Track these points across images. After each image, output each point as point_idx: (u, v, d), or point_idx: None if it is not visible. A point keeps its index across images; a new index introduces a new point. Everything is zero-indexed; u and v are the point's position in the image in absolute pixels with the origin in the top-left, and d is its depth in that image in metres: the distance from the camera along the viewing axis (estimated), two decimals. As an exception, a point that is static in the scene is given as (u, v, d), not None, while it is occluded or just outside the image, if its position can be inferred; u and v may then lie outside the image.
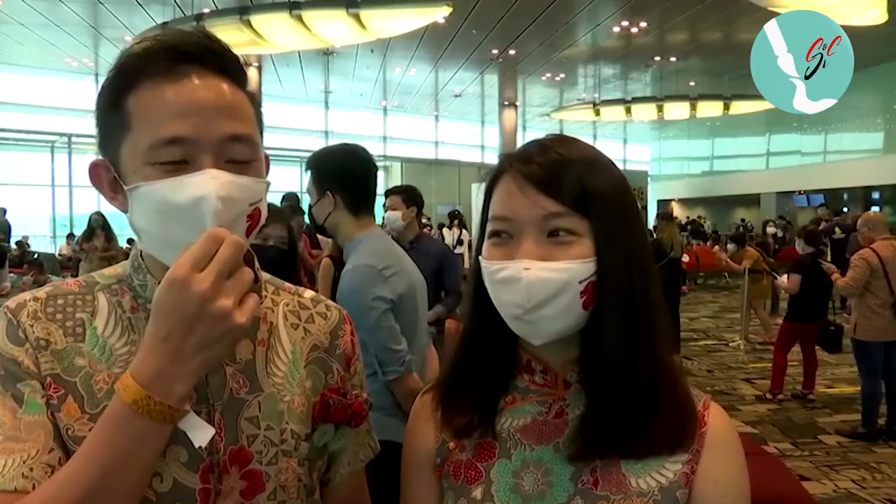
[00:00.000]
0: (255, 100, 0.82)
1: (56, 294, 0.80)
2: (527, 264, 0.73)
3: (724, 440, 0.78)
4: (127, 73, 0.75)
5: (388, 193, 3.78)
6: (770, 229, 13.02)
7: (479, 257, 0.80)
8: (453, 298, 3.71)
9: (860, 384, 4.84)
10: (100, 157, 0.79)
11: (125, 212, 0.78)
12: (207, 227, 0.70)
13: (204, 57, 0.76)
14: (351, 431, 0.92)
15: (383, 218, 3.85)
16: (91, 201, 17.10)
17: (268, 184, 0.80)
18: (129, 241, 12.56)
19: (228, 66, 0.78)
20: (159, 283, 0.76)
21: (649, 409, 0.75)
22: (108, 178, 0.78)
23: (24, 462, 0.69)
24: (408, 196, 3.73)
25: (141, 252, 0.83)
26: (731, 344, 7.92)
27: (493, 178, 0.81)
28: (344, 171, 1.96)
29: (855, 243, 7.87)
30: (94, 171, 0.79)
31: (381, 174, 20.77)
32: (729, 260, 8.16)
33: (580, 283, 0.73)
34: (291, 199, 5.37)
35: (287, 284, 0.95)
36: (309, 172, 2.02)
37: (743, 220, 20.09)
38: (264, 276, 0.91)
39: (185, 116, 0.72)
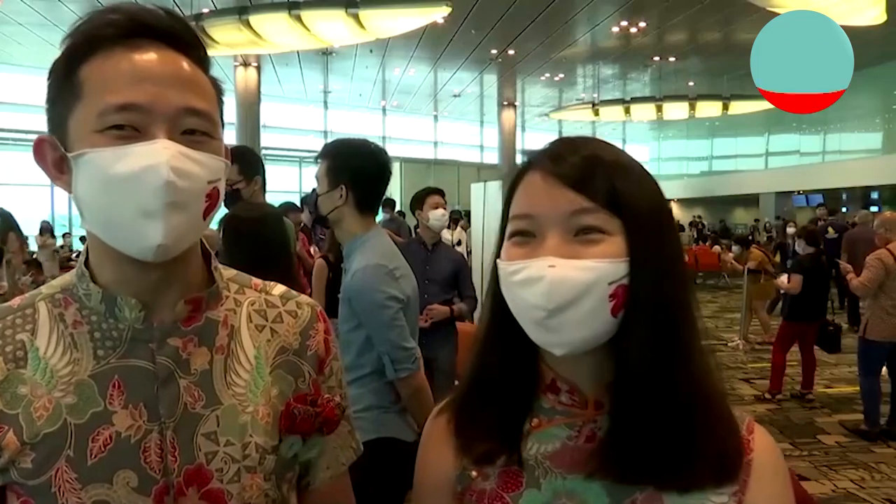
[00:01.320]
0: (217, 85, 0.78)
1: None
2: (551, 261, 0.66)
3: (771, 467, 0.71)
4: (82, 42, 0.71)
5: (427, 194, 3.89)
6: (790, 229, 12.98)
7: (497, 260, 0.73)
8: (471, 303, 3.80)
9: (859, 383, 4.84)
10: (46, 134, 0.73)
11: (69, 192, 0.73)
12: (158, 201, 0.66)
13: (165, 33, 0.72)
14: (325, 437, 0.86)
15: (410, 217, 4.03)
16: (90, 201, 17.12)
17: (227, 165, 0.76)
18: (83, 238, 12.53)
19: (190, 46, 0.74)
20: (104, 291, 0.74)
21: (689, 435, 0.67)
22: (54, 156, 0.73)
23: None
24: (443, 197, 3.92)
25: (86, 259, 0.77)
26: (730, 344, 7.92)
27: (517, 176, 0.74)
28: (362, 169, 1.95)
29: (850, 243, 7.89)
30: (39, 147, 0.74)
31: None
32: (734, 262, 8.09)
33: (609, 284, 0.66)
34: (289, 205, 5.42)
35: (255, 280, 0.88)
36: (323, 160, 1.99)
37: (758, 221, 19.91)
38: (228, 273, 0.86)
39: (140, 84, 0.68)
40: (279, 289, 0.88)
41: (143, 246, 0.69)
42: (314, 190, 2.08)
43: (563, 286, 0.65)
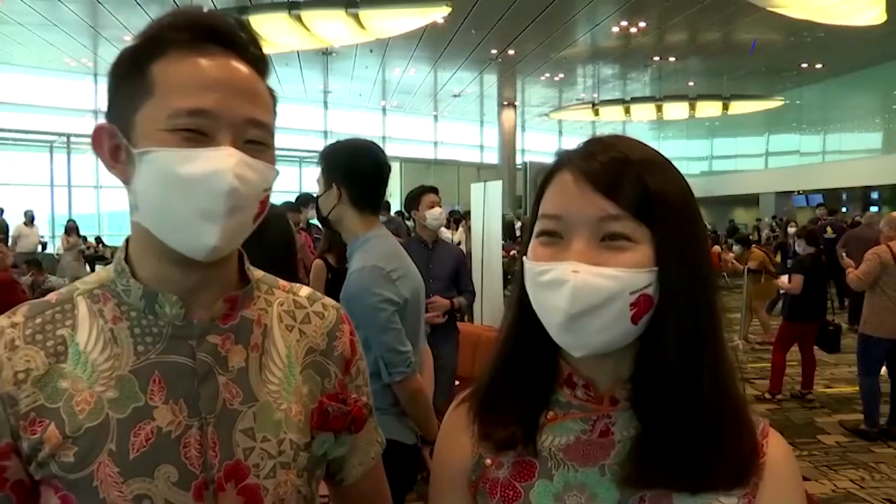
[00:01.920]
0: (273, 94, 0.82)
1: (35, 313, 0.76)
2: (575, 266, 0.66)
3: (784, 472, 0.72)
4: (156, 40, 0.73)
5: (423, 192, 3.94)
6: (791, 229, 12.99)
7: (524, 258, 0.74)
8: (470, 296, 3.94)
9: (858, 383, 4.84)
10: (106, 123, 0.76)
11: (124, 181, 0.75)
12: (221, 205, 0.69)
13: (234, 41, 0.75)
14: (355, 435, 0.89)
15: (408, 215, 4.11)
16: (90, 201, 17.12)
17: (277, 173, 0.79)
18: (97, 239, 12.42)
19: (253, 53, 0.77)
20: (144, 288, 0.75)
21: (711, 440, 0.68)
22: (112, 144, 0.75)
23: None
24: (438, 194, 3.96)
25: (125, 254, 0.79)
26: (730, 344, 7.90)
27: (549, 174, 0.74)
28: (352, 166, 1.95)
29: (846, 241, 7.88)
30: (98, 134, 0.76)
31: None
32: (735, 262, 8.05)
33: (631, 293, 0.67)
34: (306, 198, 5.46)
35: (281, 282, 0.90)
36: (320, 164, 2.01)
37: (759, 220, 19.85)
38: (257, 273, 0.88)
39: (211, 90, 0.71)
40: (305, 290, 0.91)
41: (198, 246, 0.72)
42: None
43: (584, 293, 0.66)
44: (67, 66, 15.50)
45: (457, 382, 3.66)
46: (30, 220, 11.28)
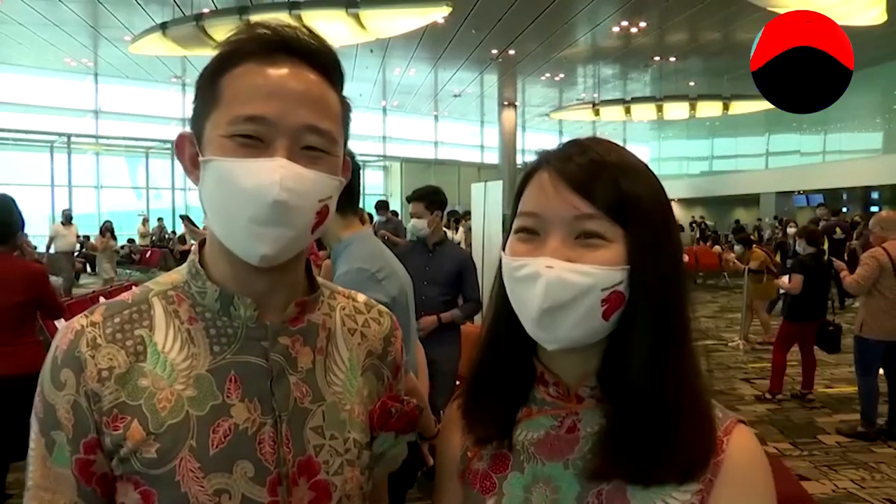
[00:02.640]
0: (346, 105, 0.82)
1: (112, 313, 0.78)
2: (550, 262, 0.69)
3: (742, 470, 0.70)
4: (230, 52, 0.76)
5: (409, 199, 3.76)
6: (791, 229, 13.03)
7: (502, 253, 0.77)
8: (472, 305, 3.67)
9: (857, 384, 4.84)
10: (188, 131, 0.79)
11: (198, 186, 0.78)
12: (266, 216, 0.70)
13: (301, 50, 0.77)
14: (405, 437, 0.91)
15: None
16: (90, 201, 17.14)
17: (341, 182, 0.79)
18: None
19: (326, 65, 0.78)
20: (221, 290, 0.78)
21: (665, 435, 0.69)
22: (191, 151, 0.78)
23: None
24: (430, 201, 3.68)
25: (199, 258, 0.82)
26: (730, 344, 7.93)
27: (528, 173, 0.77)
28: None
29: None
30: (180, 142, 0.80)
31: (380, 174, 20.59)
32: (737, 262, 8.00)
33: (603, 290, 0.69)
34: None
35: (340, 288, 0.94)
36: None
37: (760, 220, 19.82)
38: (319, 279, 0.90)
39: (270, 98, 0.73)
40: (362, 297, 0.95)
41: (250, 253, 0.73)
42: None
43: (558, 288, 0.69)
44: (68, 66, 15.51)
45: (458, 383, 3.61)
46: (67, 219, 11.31)
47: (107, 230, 11.57)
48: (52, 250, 10.58)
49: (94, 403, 0.73)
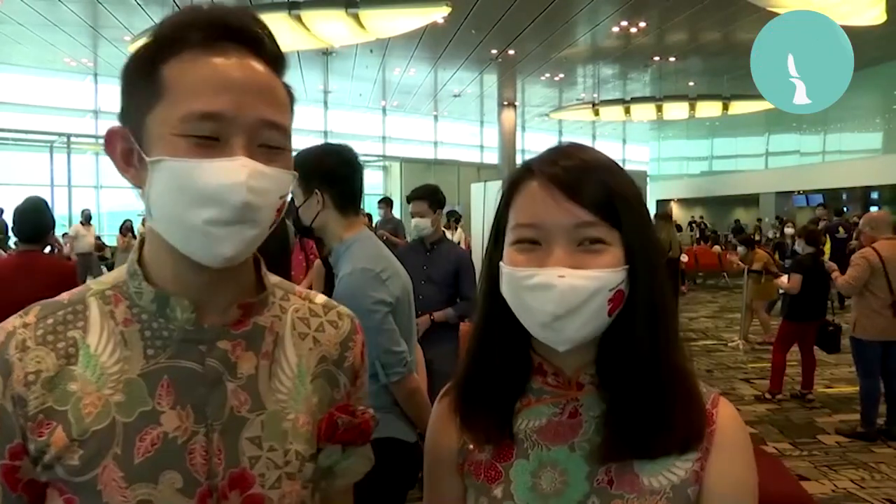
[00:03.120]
0: (290, 92, 0.79)
1: (46, 313, 0.75)
2: (561, 272, 0.73)
3: (731, 437, 0.79)
4: (167, 40, 0.71)
5: (410, 199, 3.78)
6: (788, 230, 13.05)
7: (502, 263, 0.79)
8: (467, 304, 3.67)
9: (858, 384, 4.84)
10: (119, 125, 0.74)
11: (137, 185, 0.73)
12: (233, 217, 0.68)
13: (247, 37, 0.73)
14: (357, 449, 0.87)
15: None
16: (90, 201, 17.12)
17: (295, 176, 0.77)
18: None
19: (270, 50, 0.75)
20: (156, 291, 0.74)
21: (665, 411, 0.76)
22: (124, 147, 0.73)
23: None
24: (432, 200, 3.72)
25: (139, 256, 0.78)
26: (730, 344, 7.93)
27: (515, 182, 0.80)
28: (330, 169, 1.94)
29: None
30: (111, 138, 0.74)
31: (380, 174, 20.55)
32: (741, 263, 7.94)
33: (609, 290, 0.74)
34: None
35: (297, 288, 0.89)
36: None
37: (760, 220, 19.73)
38: (273, 279, 0.86)
39: (224, 92, 0.69)
40: (321, 297, 0.90)
41: (212, 254, 0.70)
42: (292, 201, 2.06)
43: (571, 294, 0.73)
44: (67, 66, 15.50)
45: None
46: (86, 219, 11.28)
47: (127, 230, 11.59)
48: (75, 250, 10.68)
49: (20, 408, 0.70)
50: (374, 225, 8.67)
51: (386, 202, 9.72)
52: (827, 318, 5.48)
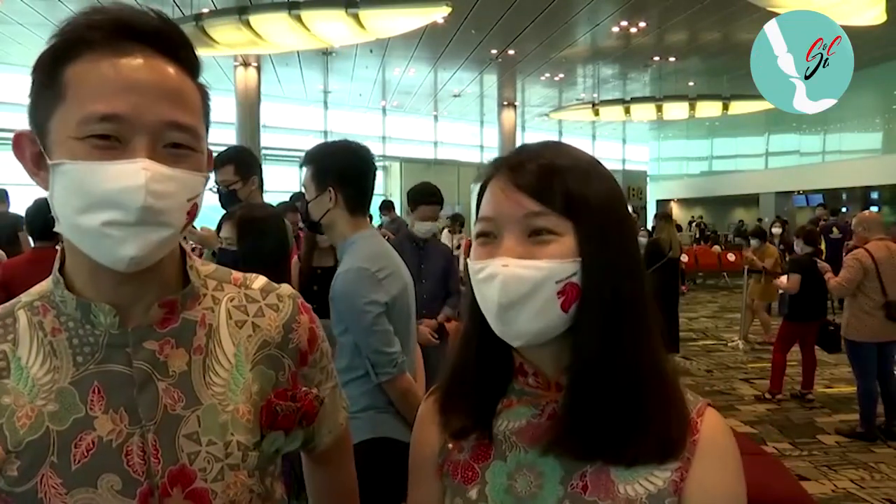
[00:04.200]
0: (204, 91, 0.77)
1: None
2: (505, 261, 0.73)
3: (716, 448, 0.76)
4: (68, 41, 0.70)
5: (421, 201, 3.80)
6: (776, 230, 13.04)
7: (468, 259, 0.81)
8: (455, 298, 3.79)
9: (856, 385, 4.84)
10: (27, 129, 0.74)
11: (46, 189, 0.72)
12: (133, 220, 0.67)
13: (153, 37, 0.71)
14: (320, 408, 0.89)
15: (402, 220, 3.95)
16: (90, 201, 17.13)
17: (207, 178, 0.76)
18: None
19: (179, 50, 0.73)
20: (77, 298, 0.74)
21: (632, 414, 0.73)
22: (33, 151, 0.73)
23: None
24: (441, 202, 3.87)
25: (61, 265, 0.77)
26: (730, 344, 7.92)
27: (484, 181, 0.81)
28: (347, 168, 1.93)
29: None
30: (18, 141, 0.74)
31: (380, 174, 20.55)
32: (755, 258, 7.78)
33: (557, 282, 0.73)
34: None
35: (235, 274, 0.88)
36: (307, 167, 1.97)
37: (761, 220, 19.70)
38: (207, 269, 0.86)
39: (124, 94, 0.68)
40: (259, 282, 0.88)
41: (115, 258, 0.69)
42: (301, 195, 2.05)
43: (513, 284, 0.72)
44: (67, 66, 15.50)
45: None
46: None
47: None
48: None
49: None
50: (381, 228, 8.66)
51: (388, 206, 9.71)
52: (827, 318, 5.48)
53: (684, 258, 10.74)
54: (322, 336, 0.91)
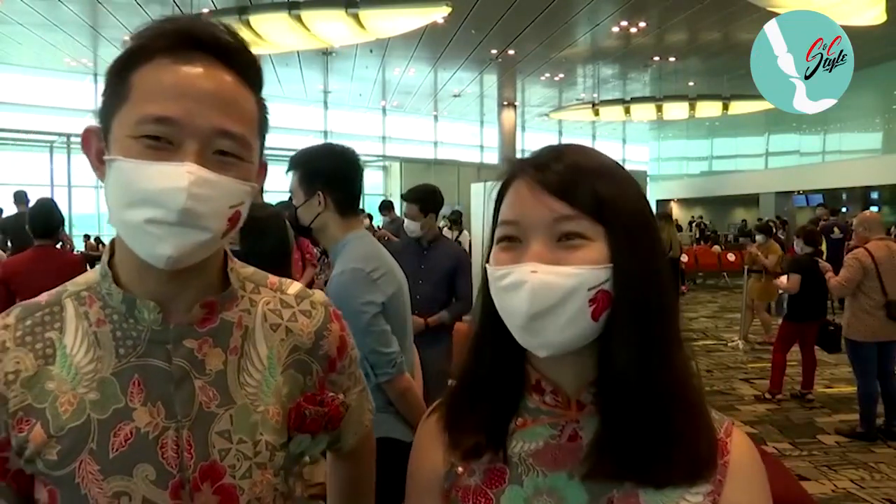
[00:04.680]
0: (263, 104, 0.80)
1: (25, 315, 0.79)
2: (533, 267, 0.68)
3: (748, 471, 0.72)
4: (139, 47, 0.74)
5: (405, 199, 3.78)
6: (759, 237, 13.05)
7: (487, 265, 0.75)
8: (462, 304, 3.65)
9: (856, 385, 4.84)
10: (95, 125, 0.77)
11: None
12: (173, 221, 0.69)
13: (215, 47, 0.74)
14: (349, 409, 0.93)
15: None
16: (90, 201, 17.12)
17: (253, 188, 0.78)
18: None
19: (240, 62, 0.76)
20: (124, 293, 0.77)
21: (663, 430, 0.69)
22: (98, 146, 0.76)
23: None
24: (424, 204, 3.69)
25: (110, 258, 0.81)
26: (730, 344, 7.93)
27: (505, 182, 0.76)
28: (334, 171, 1.93)
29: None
30: (86, 137, 0.78)
31: (380, 174, 20.50)
32: (760, 255, 7.68)
33: (589, 290, 0.68)
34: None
35: (271, 278, 0.91)
36: (293, 172, 1.97)
37: (760, 220, 19.64)
38: (246, 271, 0.88)
39: (179, 99, 0.71)
40: (294, 287, 0.91)
41: (154, 255, 0.72)
42: (290, 201, 2.05)
43: (543, 292, 0.67)
44: (67, 66, 15.50)
45: (450, 382, 3.59)
46: None
47: None
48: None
49: (2, 405, 0.74)
50: (377, 227, 8.66)
51: (387, 206, 9.72)
52: (827, 318, 5.48)
53: (684, 258, 10.75)
54: (351, 343, 0.94)
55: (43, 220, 3.64)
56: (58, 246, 4.04)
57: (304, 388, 0.85)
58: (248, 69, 0.77)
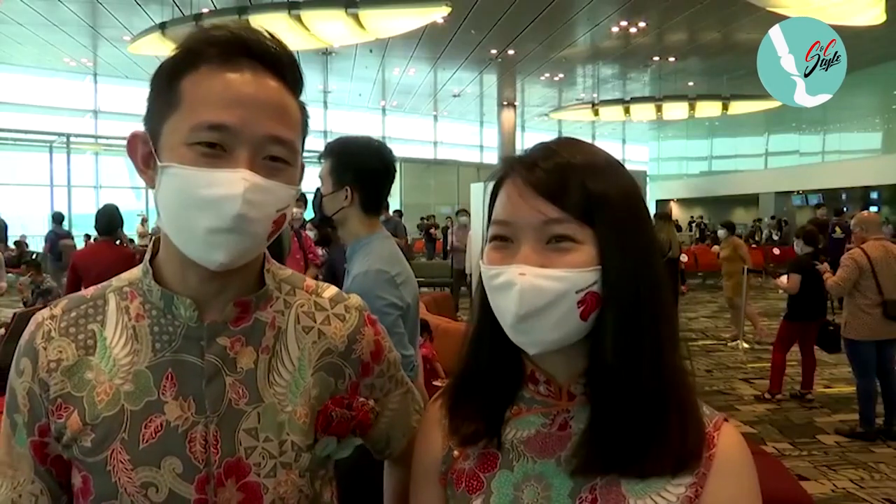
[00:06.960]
0: (304, 109, 0.82)
1: (71, 306, 0.82)
2: (522, 269, 0.70)
3: (733, 464, 0.72)
4: (188, 53, 0.75)
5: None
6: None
7: (481, 262, 0.77)
8: None
9: (856, 385, 4.84)
10: (141, 130, 0.79)
11: (151, 187, 0.78)
12: (228, 227, 0.71)
13: (263, 55, 0.76)
14: (394, 410, 0.94)
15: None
16: (90, 201, 17.13)
17: (298, 191, 0.80)
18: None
19: (286, 69, 0.78)
20: (163, 290, 0.80)
21: (652, 425, 0.70)
22: (144, 151, 0.78)
23: (14, 488, 0.80)
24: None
25: (152, 256, 0.83)
26: (729, 344, 7.93)
27: (498, 181, 0.78)
28: (367, 169, 1.90)
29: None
30: (133, 141, 0.79)
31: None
32: (713, 250, 7.85)
33: (577, 292, 0.69)
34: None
35: (308, 282, 0.92)
36: (326, 160, 1.94)
37: (759, 220, 19.68)
38: (283, 273, 0.90)
39: (233, 106, 0.73)
40: (330, 291, 0.92)
41: (207, 259, 0.74)
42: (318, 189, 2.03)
43: (532, 294, 0.69)
44: (67, 66, 15.51)
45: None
46: (142, 221, 11.75)
47: (144, 220, 12.05)
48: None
49: (44, 392, 0.78)
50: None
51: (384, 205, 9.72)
52: (827, 318, 5.48)
53: (684, 258, 10.74)
54: (388, 347, 0.94)
55: (106, 221, 4.48)
56: (117, 242, 4.94)
57: (334, 391, 0.85)
58: (292, 75, 0.79)
